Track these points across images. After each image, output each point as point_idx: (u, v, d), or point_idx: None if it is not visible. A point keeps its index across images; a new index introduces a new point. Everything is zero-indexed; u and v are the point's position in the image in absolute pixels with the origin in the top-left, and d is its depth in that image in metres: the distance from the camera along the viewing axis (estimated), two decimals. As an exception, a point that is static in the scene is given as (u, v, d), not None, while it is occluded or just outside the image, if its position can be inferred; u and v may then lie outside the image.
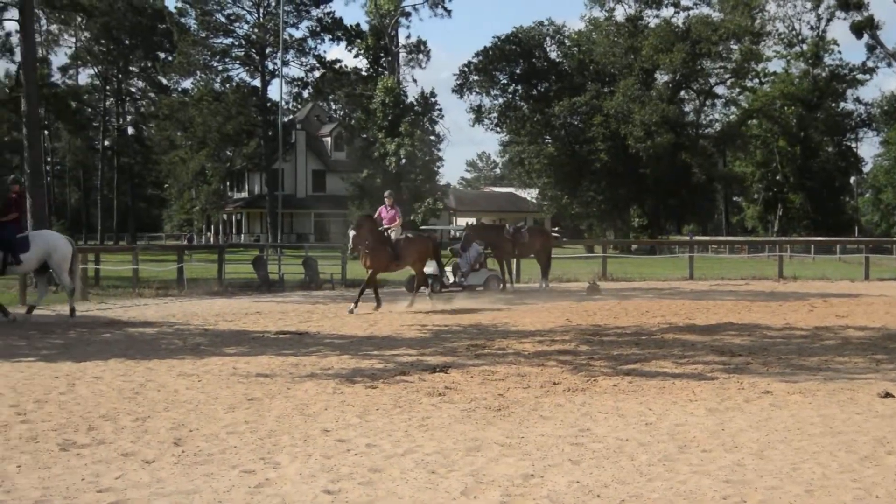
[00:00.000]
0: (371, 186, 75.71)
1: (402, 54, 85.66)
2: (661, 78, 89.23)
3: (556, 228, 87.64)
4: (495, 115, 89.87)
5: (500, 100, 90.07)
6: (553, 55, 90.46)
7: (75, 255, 24.22)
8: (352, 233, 25.60)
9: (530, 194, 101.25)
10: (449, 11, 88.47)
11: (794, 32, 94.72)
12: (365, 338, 19.33)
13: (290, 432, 10.22)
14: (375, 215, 27.28)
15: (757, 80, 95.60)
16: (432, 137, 78.60)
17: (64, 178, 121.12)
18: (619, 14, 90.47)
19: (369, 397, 12.34)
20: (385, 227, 26.57)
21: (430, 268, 32.82)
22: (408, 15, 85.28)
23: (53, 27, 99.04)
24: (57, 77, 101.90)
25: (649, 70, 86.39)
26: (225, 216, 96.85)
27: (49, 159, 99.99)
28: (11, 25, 61.16)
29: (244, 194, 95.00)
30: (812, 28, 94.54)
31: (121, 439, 9.90)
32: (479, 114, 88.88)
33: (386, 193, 28.33)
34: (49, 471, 8.61)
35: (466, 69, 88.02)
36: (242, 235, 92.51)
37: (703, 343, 17.88)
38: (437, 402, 11.97)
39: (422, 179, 75.41)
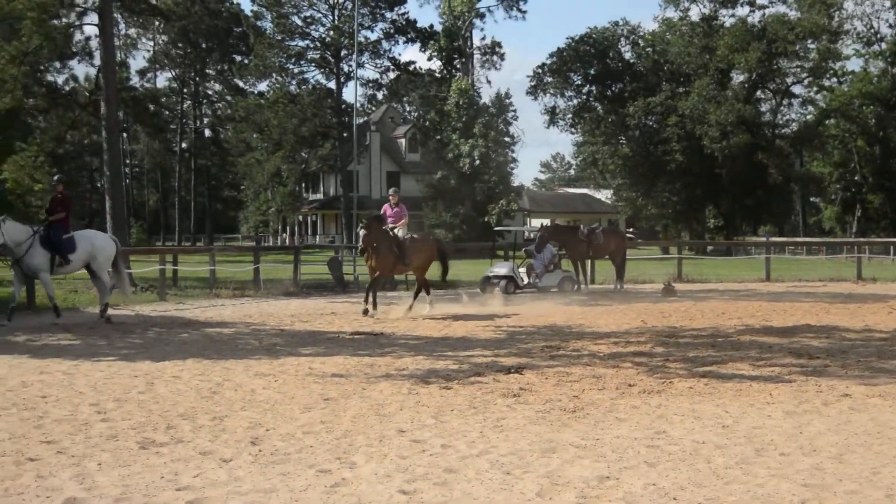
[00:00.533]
0: (445, 187, 75.86)
1: (477, 55, 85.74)
2: (737, 78, 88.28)
3: (631, 229, 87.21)
4: (570, 116, 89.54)
5: (575, 101, 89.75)
6: (627, 56, 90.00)
7: (119, 255, 24.20)
8: (362, 232, 24.48)
9: (605, 195, 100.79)
10: (524, 13, 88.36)
11: (872, 31, 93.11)
12: (439, 339, 19.36)
13: (366, 432, 10.27)
14: (382, 211, 26.01)
15: (834, 80, 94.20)
16: (506, 138, 78.56)
17: (142, 179, 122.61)
18: (694, 14, 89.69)
19: (444, 398, 12.36)
20: (391, 225, 25.33)
21: (503, 269, 32.85)
22: (482, 16, 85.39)
23: (132, 31, 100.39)
24: (135, 80, 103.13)
25: (725, 70, 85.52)
26: (300, 217, 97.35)
27: (128, 161, 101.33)
28: (91, 30, 61.91)
29: (319, 196, 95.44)
30: (891, 26, 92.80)
31: (199, 438, 10.01)
32: (553, 115, 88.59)
33: (391, 191, 27.43)
34: (129, 469, 8.73)
35: (540, 70, 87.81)
36: (317, 236, 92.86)
37: (781, 345, 17.69)
38: (512, 404, 11.96)
39: (496, 180, 75.37)
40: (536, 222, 69.18)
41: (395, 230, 25.16)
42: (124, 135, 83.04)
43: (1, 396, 12.38)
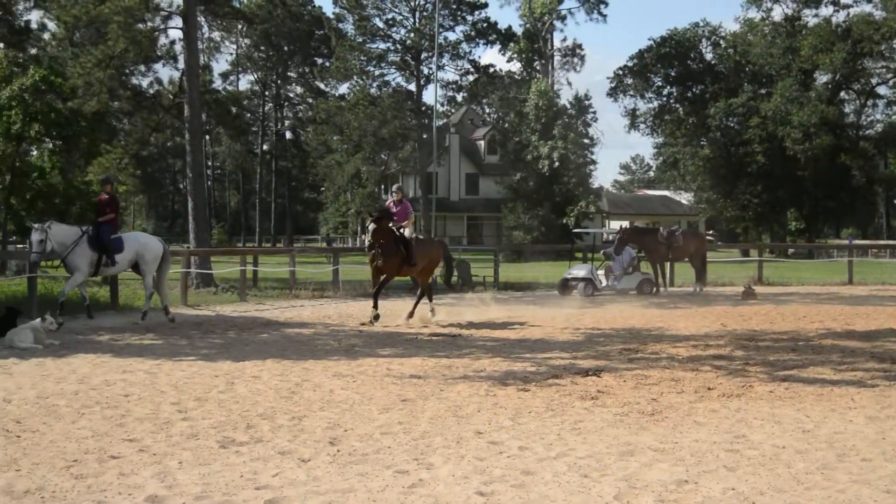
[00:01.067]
0: (524, 189, 75.79)
1: (557, 57, 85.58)
2: (821, 78, 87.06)
3: (711, 232, 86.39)
4: (650, 118, 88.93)
5: (655, 102, 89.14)
6: (708, 57, 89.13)
7: (166, 257, 23.95)
8: (371, 226, 22.56)
9: (684, 197, 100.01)
10: (605, 15, 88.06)
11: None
12: (517, 340, 19.34)
13: (443, 434, 10.30)
14: (386, 207, 24.15)
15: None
16: (586, 140, 78.36)
17: (224, 181, 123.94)
18: (777, 14, 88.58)
19: (521, 400, 12.35)
20: (395, 224, 23.21)
21: (582, 271, 32.73)
22: (563, 18, 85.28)
23: (215, 35, 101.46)
24: (218, 83, 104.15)
25: (808, 70, 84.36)
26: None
27: (210, 163, 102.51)
28: (175, 34, 62.80)
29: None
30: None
31: (278, 438, 10.10)
32: (633, 119, 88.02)
33: (394, 187, 25.21)
34: (209, 467, 8.83)
35: (621, 72, 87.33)
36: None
37: (863, 349, 17.46)
38: (590, 406, 11.93)
39: (575, 182, 75.22)
40: (615, 224, 68.94)
41: (402, 229, 23.24)
42: (207, 137, 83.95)
43: (84, 395, 12.58)
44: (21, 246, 41.11)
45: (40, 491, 8.02)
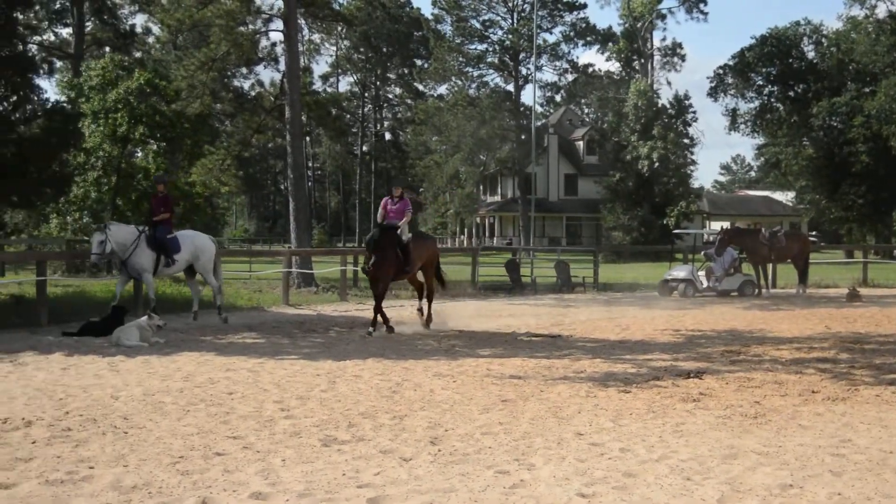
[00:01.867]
0: (623, 190, 75.36)
1: (657, 57, 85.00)
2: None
3: (814, 233, 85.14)
4: (751, 118, 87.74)
5: (756, 102, 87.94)
6: (810, 55, 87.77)
7: (218, 255, 23.89)
8: (373, 257, 20.58)
9: (786, 197, 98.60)
10: (705, 14, 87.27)
11: None
12: (617, 342, 19.24)
13: (544, 434, 10.28)
14: (380, 209, 21.46)
15: None
16: (685, 140, 77.66)
17: (324, 182, 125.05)
18: (881, 11, 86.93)
19: (622, 401, 12.29)
20: (390, 221, 21.10)
21: (682, 272, 32.48)
22: (663, 17, 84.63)
23: (315, 37, 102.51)
24: (318, 85, 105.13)
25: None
26: (478, 219, 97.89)
27: (310, 164, 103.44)
28: (276, 36, 63.46)
29: (497, 198, 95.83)
30: None
31: (379, 437, 10.15)
32: (734, 118, 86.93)
33: (394, 184, 23.28)
34: (311, 465, 8.90)
35: (721, 71, 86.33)
36: (495, 238, 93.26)
37: (973, 353, 17.09)
38: (692, 408, 11.82)
39: (674, 183, 74.64)
40: (716, 225, 68.27)
41: (398, 231, 21.00)
42: (307, 138, 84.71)
43: (189, 392, 12.76)
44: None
45: (147, 486, 8.15)
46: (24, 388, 12.99)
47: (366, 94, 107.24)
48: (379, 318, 20.83)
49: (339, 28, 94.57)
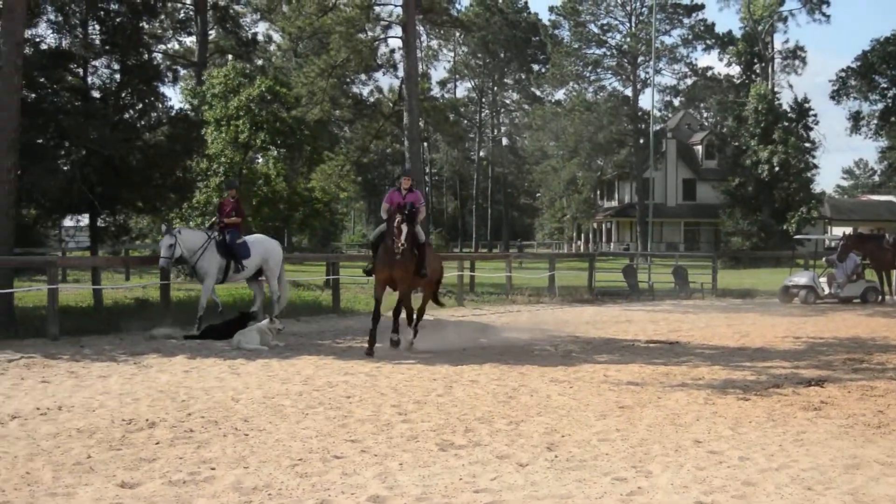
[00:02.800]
0: (742, 195, 74.38)
1: (777, 60, 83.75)
2: None
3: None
4: (874, 121, 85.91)
5: (880, 104, 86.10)
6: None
7: (283, 262, 23.30)
8: (404, 228, 17.54)
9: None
10: (827, 16, 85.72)
11: None
12: (736, 349, 19.03)
13: (662, 442, 10.21)
14: (385, 202, 18.55)
15: None
16: (807, 144, 76.35)
17: (441, 187, 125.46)
18: None
19: (741, 409, 12.15)
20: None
21: (803, 278, 31.99)
22: (784, 20, 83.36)
23: (433, 43, 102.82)
24: (436, 91, 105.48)
25: None
26: (595, 225, 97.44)
27: (428, 170, 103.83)
28: (395, 43, 63.95)
29: (614, 203, 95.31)
30: None
31: (496, 442, 10.17)
32: (857, 121, 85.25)
33: (402, 175, 19.77)
34: (428, 469, 8.96)
35: (844, 74, 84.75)
36: (612, 244, 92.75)
37: None
38: (813, 417, 11.64)
39: (795, 188, 73.42)
40: (838, 230, 67.01)
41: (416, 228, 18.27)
42: (425, 144, 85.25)
43: (308, 395, 12.92)
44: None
45: (267, 488, 8.28)
46: (147, 390, 13.28)
47: (483, 100, 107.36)
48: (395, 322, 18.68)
49: (457, 34, 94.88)
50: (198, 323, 20.60)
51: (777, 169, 72.76)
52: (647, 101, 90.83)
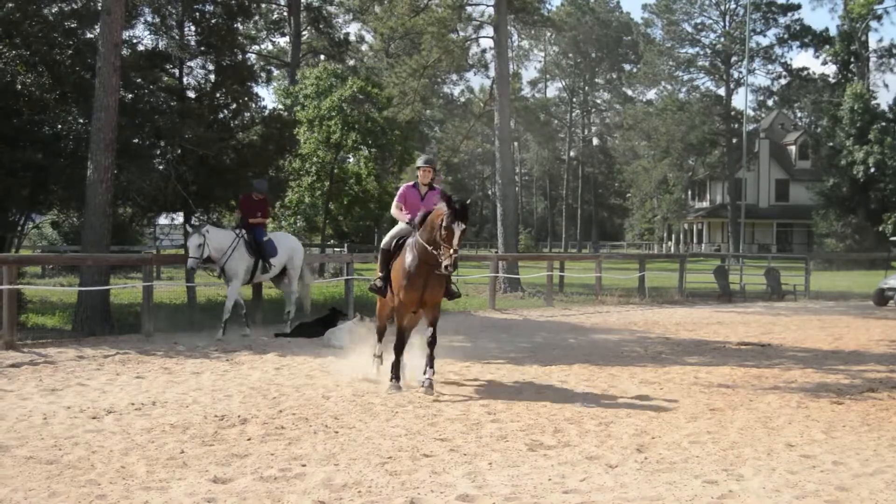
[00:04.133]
0: (837, 196, 73.27)
1: (873, 58, 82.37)
2: None
3: None
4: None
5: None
6: None
7: (305, 260, 22.54)
8: (457, 230, 12.84)
9: None
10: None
11: None
12: (830, 352, 18.79)
13: (753, 445, 10.11)
14: (397, 200, 14.58)
15: None
16: (904, 144, 74.96)
17: (531, 187, 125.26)
18: None
19: (835, 413, 12.00)
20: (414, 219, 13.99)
21: (894, 280, 31.48)
22: (879, 17, 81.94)
23: (524, 43, 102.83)
24: (526, 91, 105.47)
25: None
26: (686, 225, 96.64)
27: (518, 170, 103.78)
28: (486, 43, 64.03)
29: (705, 203, 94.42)
30: None
31: (585, 443, 10.16)
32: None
33: (423, 160, 14.91)
34: (517, 469, 8.96)
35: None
36: (703, 245, 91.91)
37: None
38: (909, 422, 11.47)
39: (892, 189, 72.09)
40: (935, 233, 65.76)
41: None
42: (515, 143, 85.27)
43: (398, 394, 12.98)
44: (338, 249, 42.80)
45: (357, 485, 8.34)
46: (239, 387, 13.45)
47: (574, 100, 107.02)
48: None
49: (548, 34, 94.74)
50: (223, 327, 19.77)
51: (873, 170, 71.49)
52: (740, 100, 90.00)
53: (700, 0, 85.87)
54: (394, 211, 14.57)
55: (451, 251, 12.84)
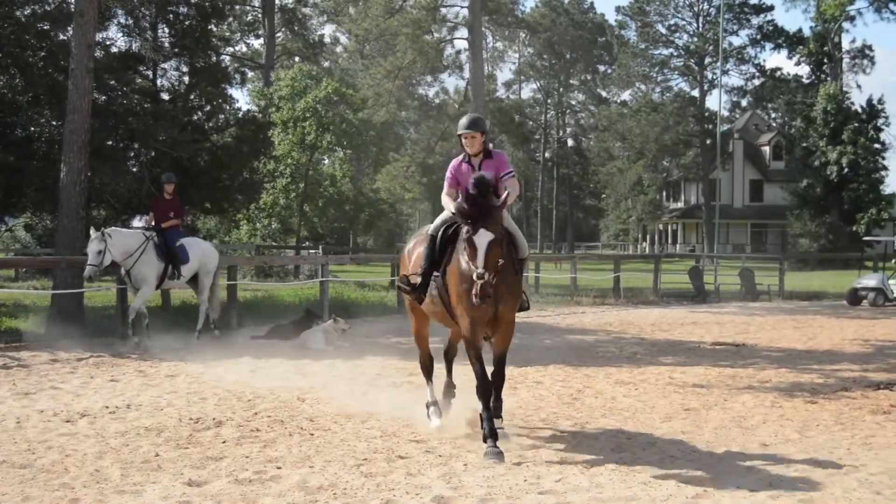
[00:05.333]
0: (811, 196, 73.62)
1: (846, 59, 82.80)
2: None
3: None
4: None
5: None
6: None
7: (218, 268, 20.85)
8: (483, 237, 9.33)
9: None
10: None
11: None
12: (804, 351, 18.88)
13: (728, 444, 10.14)
14: (449, 179, 10.62)
15: None
16: (877, 145, 75.35)
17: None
18: None
19: (809, 412, 12.05)
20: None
21: (872, 280, 31.65)
22: (852, 19, 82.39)
23: (499, 44, 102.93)
24: (501, 92, 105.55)
25: None
26: (661, 226, 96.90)
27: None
28: (461, 44, 64.17)
29: (680, 204, 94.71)
30: None
31: (560, 443, 10.16)
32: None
33: (464, 123, 10.50)
34: (493, 470, 8.94)
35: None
36: (678, 245, 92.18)
37: None
38: (882, 421, 11.52)
39: (864, 189, 72.50)
40: (909, 232, 66.13)
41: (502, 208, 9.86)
42: (490, 145, 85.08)
43: (373, 396, 12.97)
44: (313, 251, 42.78)
45: (332, 487, 8.33)
46: (214, 390, 13.43)
47: (549, 101, 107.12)
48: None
49: (523, 35, 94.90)
50: (131, 328, 18.66)
51: (846, 170, 71.92)
52: (714, 101, 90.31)
53: (673, 1, 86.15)
54: (443, 199, 10.51)
55: (477, 274, 9.14)
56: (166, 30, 25.60)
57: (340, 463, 9.16)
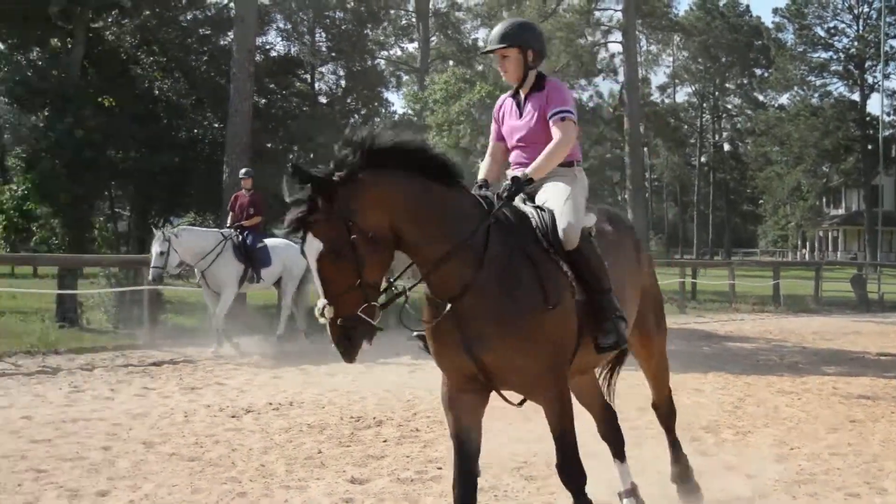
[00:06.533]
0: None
1: None
2: None
3: None
4: None
5: None
6: None
7: (307, 274, 17.78)
8: (314, 248, 5.71)
9: None
10: None
11: None
12: (975, 363, 18.28)
13: (896, 458, 9.87)
14: (495, 135, 7.64)
15: None
16: None
17: (661, 193, 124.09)
18: None
19: (982, 427, 11.65)
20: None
21: None
22: None
23: (653, 48, 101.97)
24: (656, 96, 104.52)
25: None
26: (821, 233, 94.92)
27: (648, 175, 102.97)
28: (615, 48, 63.81)
29: (841, 211, 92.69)
30: None
31: (723, 452, 10.00)
32: None
33: (496, 34, 7.32)
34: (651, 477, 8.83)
35: None
36: (839, 253, 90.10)
37: None
38: None
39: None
40: None
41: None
42: (645, 149, 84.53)
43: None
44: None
45: (493, 490, 8.35)
46: (374, 389, 13.57)
47: (704, 105, 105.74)
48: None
49: (677, 38, 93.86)
50: (218, 339, 17.78)
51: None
52: (875, 105, 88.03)
53: (832, 4, 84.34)
54: (483, 172, 7.57)
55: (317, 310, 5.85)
56: (323, 34, 26.06)
57: (501, 465, 9.14)
